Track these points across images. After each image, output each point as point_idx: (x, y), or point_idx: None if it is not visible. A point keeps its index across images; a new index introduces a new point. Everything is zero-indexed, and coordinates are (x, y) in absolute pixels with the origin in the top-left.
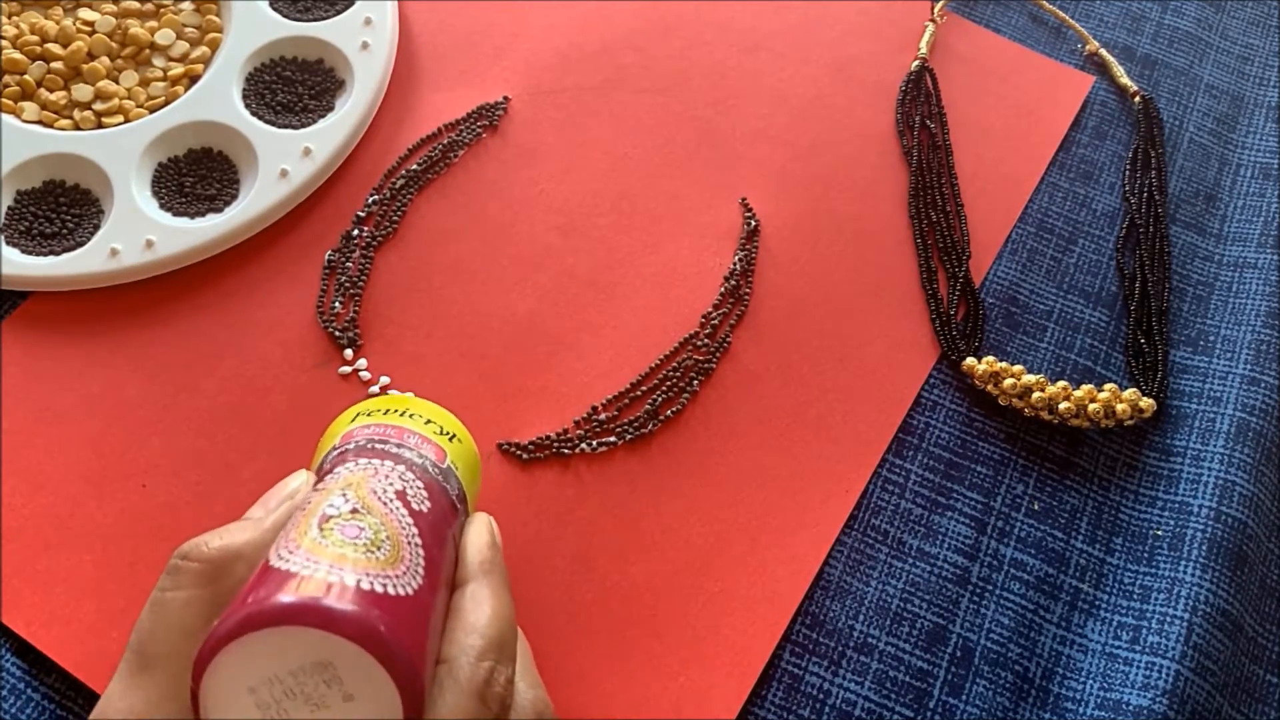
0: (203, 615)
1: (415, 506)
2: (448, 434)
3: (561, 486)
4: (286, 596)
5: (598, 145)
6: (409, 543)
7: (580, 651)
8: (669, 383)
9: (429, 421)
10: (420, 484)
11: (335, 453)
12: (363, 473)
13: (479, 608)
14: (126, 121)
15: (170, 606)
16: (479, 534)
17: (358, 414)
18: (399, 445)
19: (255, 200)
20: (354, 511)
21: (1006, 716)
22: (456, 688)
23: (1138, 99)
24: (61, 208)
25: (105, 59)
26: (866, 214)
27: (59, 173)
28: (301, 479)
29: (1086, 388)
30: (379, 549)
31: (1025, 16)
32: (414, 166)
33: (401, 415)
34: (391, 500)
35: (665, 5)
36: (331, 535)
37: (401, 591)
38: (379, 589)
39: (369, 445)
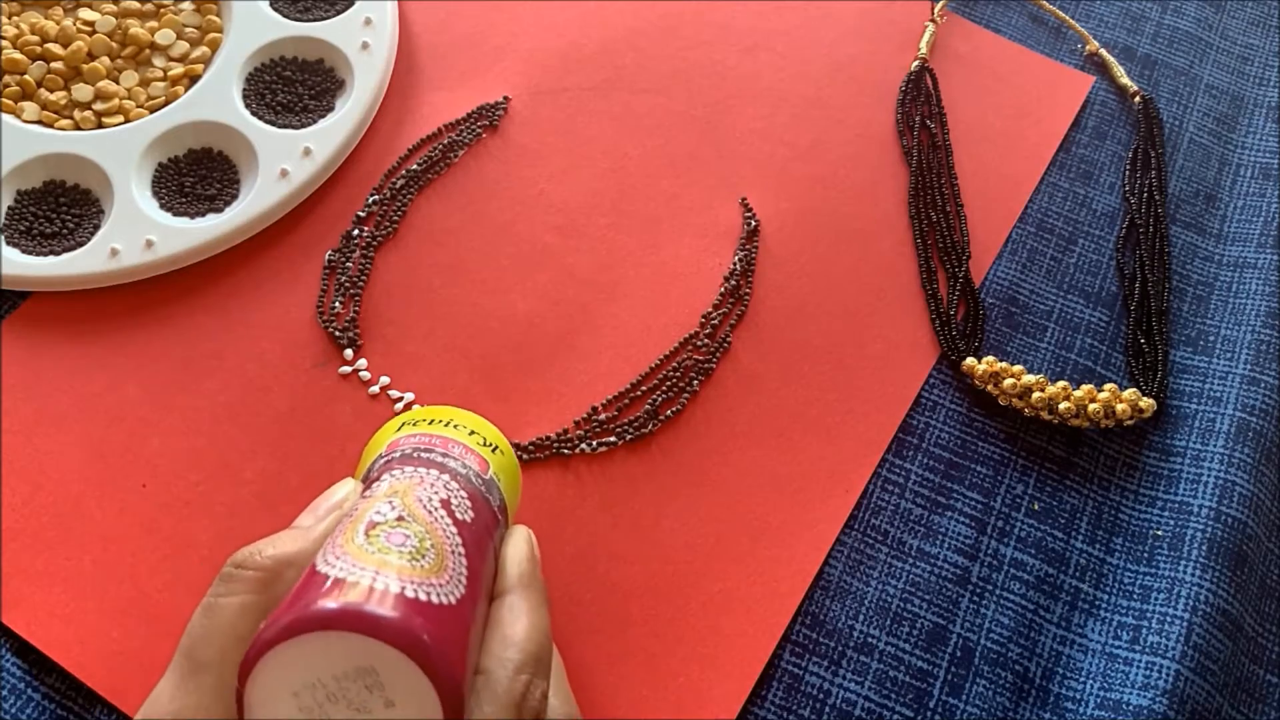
0: (254, 621)
1: (459, 516)
2: (490, 445)
3: (561, 486)
4: (331, 602)
5: (598, 145)
6: (453, 552)
7: (580, 651)
8: (669, 383)
9: (472, 432)
10: (464, 494)
11: (381, 461)
12: (408, 481)
13: (517, 621)
14: (127, 121)
15: (223, 613)
16: (518, 547)
17: (403, 423)
18: (444, 455)
19: (255, 200)
20: (400, 519)
21: (1006, 716)
22: (494, 700)
23: (1138, 99)
24: (61, 208)
25: (105, 59)
26: (866, 214)
27: (59, 173)
28: (349, 488)
29: (1086, 388)
30: (423, 557)
31: (1025, 16)
32: (414, 166)
33: (446, 425)
34: (436, 509)
35: (665, 5)
36: (377, 541)
37: (444, 600)
38: (423, 597)
39: (414, 454)
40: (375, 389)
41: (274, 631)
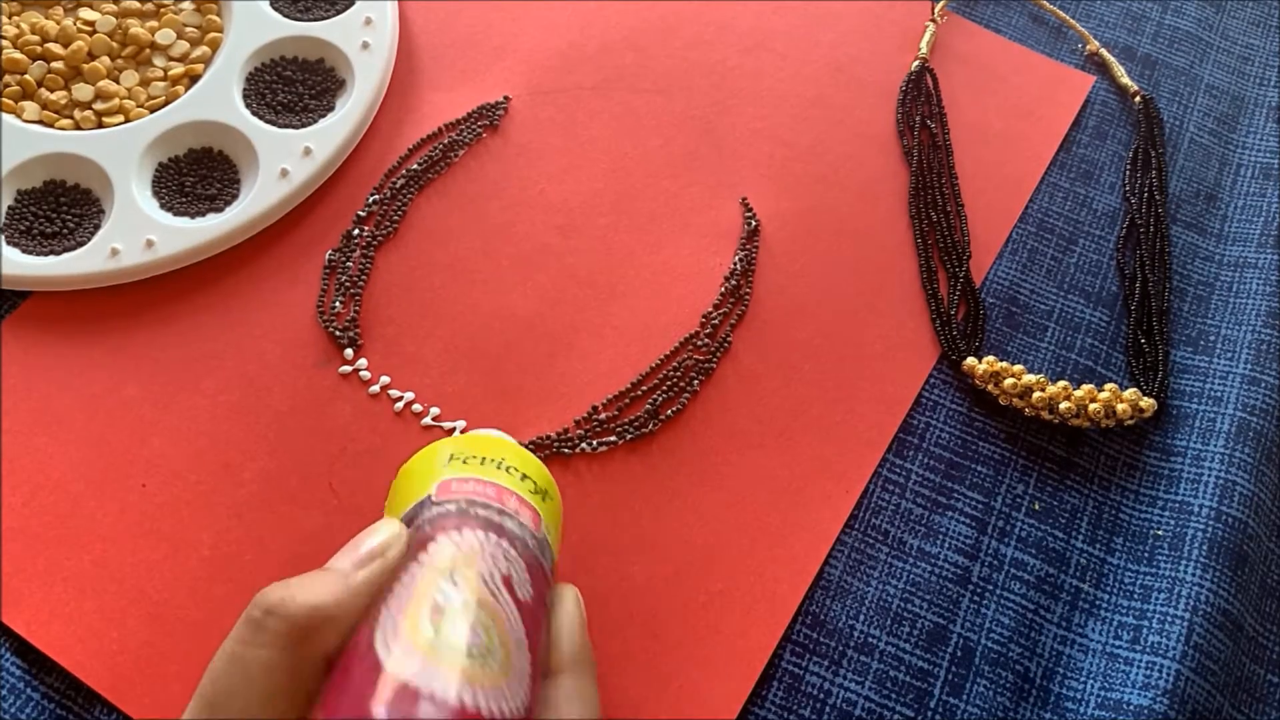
0: (284, 681)
1: (520, 595)
2: (540, 491)
3: (562, 486)
4: (395, 713)
5: (598, 145)
6: (516, 644)
7: None
8: (669, 382)
9: (524, 477)
10: (523, 563)
11: (433, 512)
12: (469, 552)
13: (572, 707)
14: (127, 121)
15: (251, 668)
16: (570, 615)
17: (451, 455)
18: (500, 512)
19: (255, 200)
20: (465, 604)
21: (1007, 716)
22: None
23: (1138, 99)
24: (62, 208)
25: (106, 59)
26: (866, 214)
27: (59, 172)
28: (393, 531)
29: (1087, 388)
30: (491, 655)
31: (1025, 16)
32: (414, 166)
33: (498, 467)
34: (500, 590)
35: (665, 5)
36: (443, 632)
37: (511, 710)
38: (493, 708)
39: (471, 510)
40: (375, 389)
41: None
